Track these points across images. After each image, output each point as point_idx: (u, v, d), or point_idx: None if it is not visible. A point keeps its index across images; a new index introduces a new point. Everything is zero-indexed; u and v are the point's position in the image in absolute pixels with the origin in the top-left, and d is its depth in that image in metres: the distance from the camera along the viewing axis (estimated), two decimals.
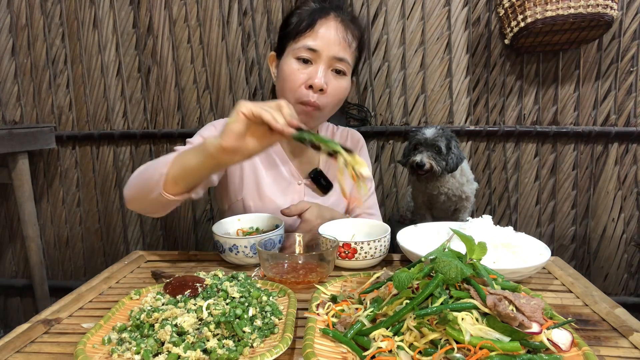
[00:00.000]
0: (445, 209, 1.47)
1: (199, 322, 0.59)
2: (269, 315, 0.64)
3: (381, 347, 0.53)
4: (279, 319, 0.64)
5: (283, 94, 1.06)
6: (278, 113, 0.74)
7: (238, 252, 0.89)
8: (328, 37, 1.01)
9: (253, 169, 1.14)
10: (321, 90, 1.01)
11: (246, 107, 0.73)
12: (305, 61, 1.02)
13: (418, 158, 1.32)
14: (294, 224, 1.10)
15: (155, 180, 0.84)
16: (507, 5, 1.66)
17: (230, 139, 0.74)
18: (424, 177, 1.36)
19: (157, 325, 0.59)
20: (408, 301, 0.57)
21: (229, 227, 1.02)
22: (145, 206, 0.94)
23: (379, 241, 0.88)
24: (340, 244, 0.86)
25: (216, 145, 0.75)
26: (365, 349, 0.55)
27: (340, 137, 1.30)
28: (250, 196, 1.13)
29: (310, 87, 1.01)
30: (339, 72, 1.04)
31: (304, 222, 1.05)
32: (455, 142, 1.35)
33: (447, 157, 1.32)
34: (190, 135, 1.25)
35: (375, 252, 0.88)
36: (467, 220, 0.93)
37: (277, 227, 0.97)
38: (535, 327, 0.52)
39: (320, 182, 1.16)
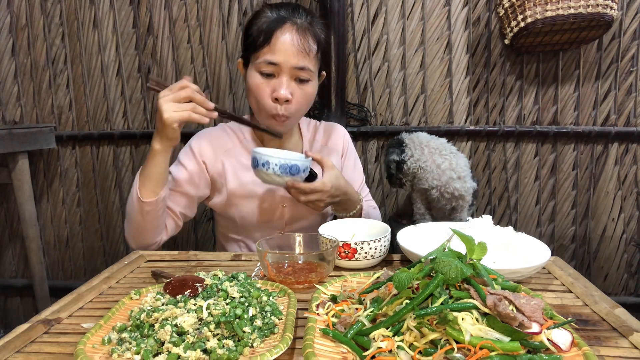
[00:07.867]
0: (441, 208, 1.47)
1: (199, 322, 0.59)
2: (269, 315, 0.64)
3: (381, 347, 0.53)
4: (279, 319, 0.64)
5: (251, 105, 1.13)
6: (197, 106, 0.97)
7: (269, 168, 0.96)
8: (286, 49, 1.02)
9: (235, 172, 1.16)
10: (287, 101, 1.05)
11: (171, 115, 0.95)
12: (269, 75, 1.05)
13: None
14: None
15: (133, 199, 1.00)
16: (507, 5, 1.66)
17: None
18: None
19: (157, 325, 0.59)
20: (408, 301, 0.57)
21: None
22: (139, 230, 1.04)
23: (379, 241, 0.88)
24: (340, 244, 0.86)
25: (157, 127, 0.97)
26: (365, 349, 0.55)
27: (324, 132, 1.30)
28: (236, 196, 1.16)
29: (277, 99, 1.05)
30: (302, 80, 1.07)
31: (326, 171, 1.05)
32: (392, 149, 1.45)
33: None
34: (190, 134, 1.26)
35: (375, 252, 0.88)
36: (467, 220, 0.93)
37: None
38: (535, 327, 0.52)
39: None
